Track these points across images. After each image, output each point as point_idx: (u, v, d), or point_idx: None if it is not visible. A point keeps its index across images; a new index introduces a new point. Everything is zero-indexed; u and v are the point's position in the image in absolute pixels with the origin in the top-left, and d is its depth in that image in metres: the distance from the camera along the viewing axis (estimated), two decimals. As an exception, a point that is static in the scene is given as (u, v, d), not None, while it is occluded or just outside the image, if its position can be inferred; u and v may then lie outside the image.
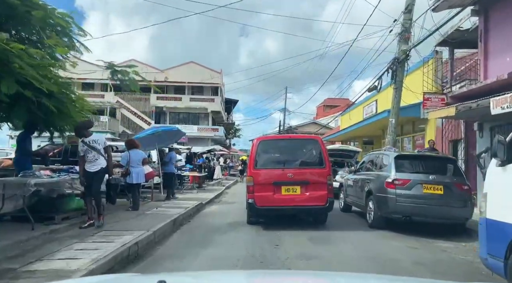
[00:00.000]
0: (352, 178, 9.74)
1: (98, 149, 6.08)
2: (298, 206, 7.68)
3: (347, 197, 9.92)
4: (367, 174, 8.71)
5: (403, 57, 12.79)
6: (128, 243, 5.31)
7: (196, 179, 17.26)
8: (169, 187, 11.88)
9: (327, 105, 62.15)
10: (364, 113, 22.61)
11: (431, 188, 6.98)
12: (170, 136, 12.40)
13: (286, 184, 7.60)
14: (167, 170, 11.91)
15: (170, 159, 11.98)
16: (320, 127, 51.15)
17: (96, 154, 6.09)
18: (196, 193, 14.70)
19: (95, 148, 6.09)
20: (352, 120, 24.07)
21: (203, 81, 37.79)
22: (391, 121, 13.10)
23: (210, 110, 38.18)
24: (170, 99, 38.11)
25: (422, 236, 7.01)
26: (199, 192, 15.37)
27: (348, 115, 25.79)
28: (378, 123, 17.63)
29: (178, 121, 39.07)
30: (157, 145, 12.05)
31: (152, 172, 9.17)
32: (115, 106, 36.87)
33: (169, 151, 12.19)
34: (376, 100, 20.17)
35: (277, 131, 51.63)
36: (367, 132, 22.28)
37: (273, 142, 9.32)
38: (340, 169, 15.02)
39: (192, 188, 15.91)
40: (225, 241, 6.57)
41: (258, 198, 7.56)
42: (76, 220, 6.73)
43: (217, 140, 38.52)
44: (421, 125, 15.22)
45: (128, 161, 8.50)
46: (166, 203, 10.52)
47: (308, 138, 10.12)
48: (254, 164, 7.91)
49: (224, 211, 10.53)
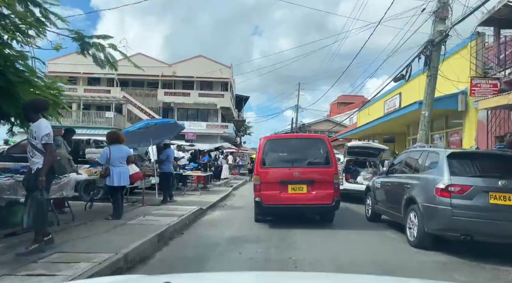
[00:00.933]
0: (383, 181, 7.95)
1: (32, 143, 4.42)
2: (305, 204, 7.69)
3: (377, 204, 8.13)
4: (405, 176, 6.91)
5: (439, 38, 10.92)
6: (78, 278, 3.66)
7: (201, 179, 15.65)
8: (165, 188, 10.28)
9: (341, 103, 60.13)
10: (385, 108, 20.69)
11: (501, 197, 5.16)
12: (167, 131, 10.76)
13: (292, 182, 7.63)
14: (163, 169, 10.30)
15: (168, 156, 10.36)
16: (334, 125, 49.18)
17: (31, 149, 4.44)
18: (199, 195, 13.07)
19: (29, 140, 4.44)
20: (371, 116, 22.15)
21: (212, 76, 36.20)
22: (423, 114, 11.23)
23: (219, 106, 36.56)
24: (178, 94, 36.61)
25: (488, 261, 5.21)
26: (202, 193, 13.73)
27: (367, 110, 23.84)
28: (404, 118, 15.73)
29: (187, 117, 37.59)
30: (153, 141, 10.44)
31: (139, 173, 7.51)
32: (121, 102, 35.57)
33: (165, 147, 10.57)
34: (400, 93, 18.25)
35: (289, 129, 49.91)
36: (389, 128, 20.33)
37: (280, 141, 9.29)
38: (362, 169, 13.21)
39: (195, 189, 14.29)
40: (223, 265, 4.90)
41: (265, 196, 7.65)
42: (27, 237, 5.11)
43: (226, 137, 36.91)
44: (455, 120, 13.31)
45: (108, 158, 6.87)
46: (159, 209, 8.90)
47: (315, 137, 10.22)
48: (261, 162, 7.96)
49: (227, 219, 8.85)
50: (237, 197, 14.27)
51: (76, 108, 34.23)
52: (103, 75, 35.82)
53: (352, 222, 8.61)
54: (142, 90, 36.79)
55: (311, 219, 8.61)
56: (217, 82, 37.60)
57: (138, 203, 9.23)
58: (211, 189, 15.74)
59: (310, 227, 7.67)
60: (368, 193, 8.83)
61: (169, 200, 10.67)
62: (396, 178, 7.34)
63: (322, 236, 6.88)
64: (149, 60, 36.30)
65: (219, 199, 12.27)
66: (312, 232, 7.18)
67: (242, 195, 14.67)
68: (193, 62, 35.66)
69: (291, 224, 7.84)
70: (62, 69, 35.47)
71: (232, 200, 13.30)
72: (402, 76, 13.15)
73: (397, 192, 6.89)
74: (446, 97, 11.94)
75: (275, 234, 6.94)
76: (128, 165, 7.27)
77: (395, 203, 6.96)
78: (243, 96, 52.06)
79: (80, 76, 35.83)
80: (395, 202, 6.96)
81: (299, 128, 50.05)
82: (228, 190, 15.77)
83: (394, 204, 7.01)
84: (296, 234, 6.95)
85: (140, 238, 5.49)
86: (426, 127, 11.17)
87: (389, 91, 19.96)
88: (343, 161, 12.91)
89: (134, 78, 36.36)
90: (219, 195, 13.36)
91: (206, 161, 16.28)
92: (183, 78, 36.65)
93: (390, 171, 7.94)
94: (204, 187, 15.48)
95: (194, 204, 10.10)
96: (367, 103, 24.10)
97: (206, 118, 37.70)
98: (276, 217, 8.23)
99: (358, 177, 12.70)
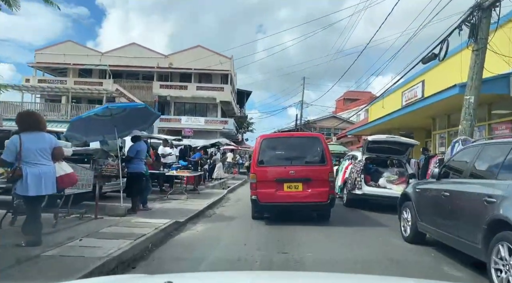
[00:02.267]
0: (433, 189, 5.49)
1: None
2: (300, 202, 7.74)
3: (421, 220, 5.68)
4: (480, 183, 4.45)
5: (489, 1, 8.44)
6: None
7: (190, 179, 13.27)
8: (134, 194, 7.89)
9: (347, 99, 57.57)
10: (403, 100, 18.21)
11: None
12: (139, 119, 8.33)
13: (288, 180, 7.69)
14: (131, 169, 7.91)
15: (137, 152, 7.95)
16: (340, 121, 46.69)
17: None
18: (185, 200, 10.69)
19: None
20: (385, 110, 19.67)
21: (211, 68, 33.79)
22: (467, 100, 8.77)
23: (219, 100, 34.15)
24: (175, 87, 34.23)
25: None
26: (190, 197, 11.36)
27: (381, 103, 21.31)
28: (430, 109, 13.27)
29: (184, 112, 35.28)
30: (119, 132, 8.03)
31: (70, 175, 5.04)
32: (114, 95, 33.22)
33: (135, 140, 8.15)
34: (423, 81, 15.74)
35: (293, 126, 47.52)
36: (408, 122, 17.85)
37: (276, 139, 9.19)
38: (385, 169, 10.74)
39: (182, 192, 11.92)
40: None
41: (261, 194, 7.69)
42: None
43: (226, 134, 34.48)
44: (501, 110, 10.84)
45: (18, 152, 4.46)
46: (117, 223, 6.51)
47: (311, 136, 10.37)
48: (257, 161, 7.97)
49: (211, 238, 6.44)
50: (232, 202, 11.83)
51: (65, 102, 31.94)
52: (95, 66, 33.57)
53: (384, 244, 6.18)
54: (136, 83, 34.44)
55: (320, 240, 6.30)
56: (217, 74, 35.19)
57: (91, 213, 6.83)
58: (202, 192, 13.34)
59: (329, 254, 5.28)
60: (405, 204, 6.38)
61: (141, 208, 8.30)
62: (459, 184, 4.87)
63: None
64: (144, 51, 34.00)
65: (207, 206, 9.88)
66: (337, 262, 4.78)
67: (238, 199, 12.25)
68: (191, 53, 33.23)
69: (301, 250, 5.46)
70: (50, 60, 33.22)
71: (224, 206, 10.87)
72: (434, 56, 10.72)
73: (467, 208, 4.44)
74: (493, 79, 9.45)
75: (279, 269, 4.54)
76: (57, 162, 4.85)
77: (462, 224, 4.50)
78: (245, 91, 49.63)
79: (70, 68, 33.55)
80: (462, 223, 4.51)
81: (304, 125, 47.62)
82: (222, 192, 13.35)
83: (460, 226, 4.55)
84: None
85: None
86: (472, 116, 8.72)
87: (408, 81, 17.46)
88: (361, 159, 10.45)
89: (128, 70, 34.07)
90: (209, 200, 10.97)
91: (198, 158, 13.89)
92: (180, 70, 34.27)
93: (443, 174, 5.46)
94: (194, 189, 13.08)
95: (171, 214, 7.72)
96: (380, 96, 21.56)
97: (205, 113, 35.34)
98: (273, 215, 8.34)
99: (380, 179, 10.25)
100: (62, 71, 34.99)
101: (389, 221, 8.09)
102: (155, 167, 12.26)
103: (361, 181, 10.01)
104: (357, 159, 10.77)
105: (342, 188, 11.22)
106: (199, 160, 13.82)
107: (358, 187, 9.97)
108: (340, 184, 11.46)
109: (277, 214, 8.29)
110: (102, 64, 33.25)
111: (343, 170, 11.57)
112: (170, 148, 14.47)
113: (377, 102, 23.23)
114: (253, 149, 43.03)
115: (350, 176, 10.32)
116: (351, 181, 10.17)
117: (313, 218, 8.29)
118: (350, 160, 11.39)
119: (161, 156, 13.42)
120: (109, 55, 33.45)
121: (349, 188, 10.21)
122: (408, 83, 17.61)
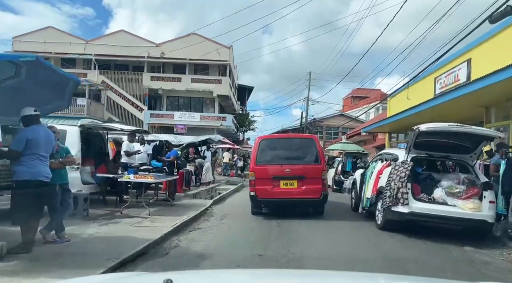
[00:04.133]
0: None
1: None
2: (295, 198, 8.22)
3: None
4: None
5: None
6: None
7: (164, 186, 9.87)
8: (22, 219, 4.43)
9: (356, 96, 54.00)
10: (436, 87, 14.71)
11: None
12: (46, 89, 4.86)
13: (284, 178, 8.19)
14: (17, 175, 4.45)
15: (27, 144, 4.47)
16: (348, 119, 43.14)
17: None
18: (146, 218, 7.27)
19: None
20: (412, 101, 16.20)
21: (208, 58, 30.34)
22: None
23: (216, 94, 30.65)
24: (167, 79, 30.75)
25: None
26: (159, 211, 7.96)
27: (405, 94, 17.74)
28: (481, 94, 9.79)
29: (178, 107, 31.83)
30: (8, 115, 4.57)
31: None
32: (100, 88, 29.87)
33: (26, 122, 4.61)
34: (469, 60, 12.21)
35: (298, 124, 44.09)
36: (445, 115, 14.14)
37: (273, 140, 9.97)
38: (443, 176, 7.16)
39: (149, 203, 8.47)
40: None
41: (259, 191, 8.19)
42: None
43: (224, 132, 31.04)
44: None
45: None
46: None
47: (305, 137, 11.46)
48: (255, 160, 8.54)
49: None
50: (215, 220, 8.24)
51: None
52: (78, 56, 30.23)
53: None
54: (124, 74, 31.05)
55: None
56: (214, 65, 31.71)
57: None
58: (179, 202, 9.86)
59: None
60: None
61: (52, 239, 4.87)
62: None
63: None
64: (133, 39, 30.58)
65: (172, 229, 6.43)
66: None
67: (224, 215, 8.72)
68: (185, 42, 29.64)
69: None
70: (29, 48, 29.85)
71: (201, 228, 7.30)
72: (511, 9, 7.36)
73: None
74: None
75: None
76: None
77: None
78: (247, 86, 46.17)
79: (51, 57, 30.14)
80: None
81: (310, 124, 44.12)
82: (205, 204, 9.84)
83: None
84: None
85: None
86: None
87: (444, 63, 13.91)
88: (406, 160, 6.95)
89: (115, 60, 30.68)
90: (181, 217, 7.52)
91: (173, 157, 10.31)
92: (173, 61, 30.80)
93: None
94: (166, 200, 9.60)
95: (92, 255, 4.30)
96: (404, 86, 17.96)
97: (201, 109, 31.84)
98: (271, 210, 8.75)
99: (436, 190, 6.73)
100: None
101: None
102: (110, 169, 8.84)
103: (408, 192, 6.51)
104: (399, 159, 7.24)
105: (374, 201, 7.71)
106: (174, 160, 10.29)
107: (404, 202, 6.46)
108: (371, 195, 7.96)
109: (274, 208, 8.72)
110: (86, 53, 29.90)
111: (374, 176, 8.07)
112: (140, 144, 11.06)
113: (398, 94, 19.62)
114: (251, 148, 39.67)
115: (389, 185, 6.79)
116: (391, 193, 6.66)
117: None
118: (387, 161, 7.87)
119: (124, 154, 10.00)
120: (95, 43, 30.05)
121: (388, 203, 6.70)
122: (445, 66, 14.07)
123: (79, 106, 26.74)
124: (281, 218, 8.07)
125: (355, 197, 9.58)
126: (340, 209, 10.03)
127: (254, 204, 8.45)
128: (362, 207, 8.55)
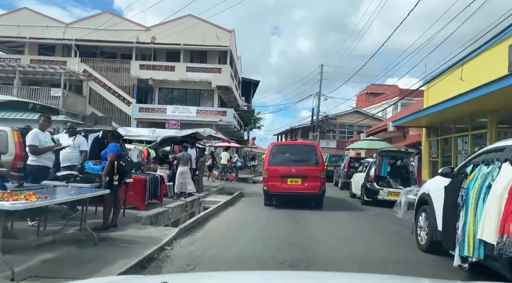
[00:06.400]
0: None
1: None
2: (299, 192, 10.22)
3: None
4: None
5: None
6: None
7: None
8: None
9: (370, 93, 49.47)
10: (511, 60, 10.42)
11: None
12: None
13: (290, 176, 10.18)
14: None
15: None
16: (364, 117, 38.65)
17: None
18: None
19: None
20: (467, 83, 11.95)
21: (206, 44, 26.22)
22: None
23: (215, 85, 26.48)
24: (159, 68, 26.65)
25: None
26: (29, 272, 3.79)
27: (456, 74, 13.30)
28: None
29: (171, 100, 27.71)
30: None
31: None
32: (81, 78, 25.90)
33: None
34: None
35: (309, 122, 39.84)
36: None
37: (283, 146, 13.20)
38: None
39: (59, 237, 4.35)
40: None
41: (270, 186, 10.29)
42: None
43: (225, 128, 26.88)
44: None
45: None
46: None
47: (308, 144, 13.91)
48: (268, 162, 10.60)
49: None
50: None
51: (21, 84, 24.75)
52: (56, 41, 26.26)
53: None
54: (110, 62, 27.03)
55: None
56: (213, 52, 27.57)
57: None
58: (115, 234, 5.66)
59: None
60: None
61: None
62: None
63: None
64: (120, 22, 26.44)
65: None
66: None
67: (188, 265, 4.50)
68: (180, 25, 25.41)
69: None
70: (1, 33, 26.04)
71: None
72: None
73: None
74: None
75: None
76: None
77: None
78: (252, 80, 41.95)
79: (26, 42, 26.27)
80: None
81: (322, 121, 39.75)
82: (162, 238, 5.61)
83: None
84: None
85: None
86: None
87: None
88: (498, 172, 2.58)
89: (99, 45, 26.63)
90: None
91: (110, 155, 5.95)
92: (165, 46, 26.67)
93: None
94: (106, 227, 5.42)
95: None
96: (458, 63, 13.52)
97: (198, 102, 27.71)
98: (279, 202, 10.69)
99: None
100: (18, 47, 27.83)
101: None
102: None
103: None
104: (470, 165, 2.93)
105: (499, 250, 3.43)
106: (114, 160, 5.99)
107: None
108: (490, 236, 3.68)
109: (282, 200, 10.62)
110: (66, 38, 25.96)
111: (496, 197, 3.76)
112: (69, 135, 6.94)
113: (443, 79, 15.17)
114: (260, 149, 35.66)
115: None
116: None
117: None
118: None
119: (29, 150, 5.89)
120: (75, 27, 26.04)
121: None
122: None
123: (53, 99, 22.80)
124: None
125: (429, 228, 5.31)
126: (398, 241, 5.77)
127: (266, 196, 10.58)
128: (462, 254, 4.27)
